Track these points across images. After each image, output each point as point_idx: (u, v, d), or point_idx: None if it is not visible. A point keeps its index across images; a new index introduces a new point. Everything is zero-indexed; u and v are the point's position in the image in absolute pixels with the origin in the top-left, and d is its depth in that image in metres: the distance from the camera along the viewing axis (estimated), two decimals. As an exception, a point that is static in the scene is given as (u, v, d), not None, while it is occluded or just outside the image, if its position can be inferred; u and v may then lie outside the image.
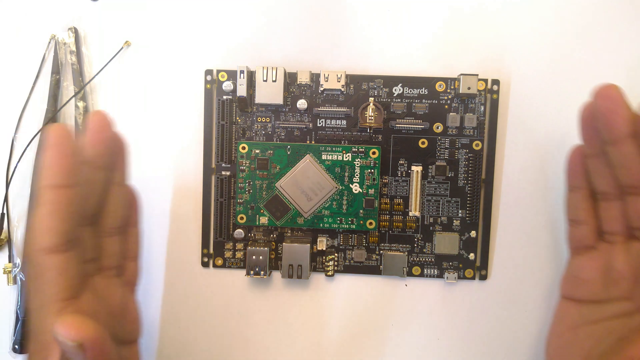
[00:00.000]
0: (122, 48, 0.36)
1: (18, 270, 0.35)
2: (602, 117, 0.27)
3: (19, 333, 0.35)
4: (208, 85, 0.35)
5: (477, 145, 0.34)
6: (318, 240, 0.35)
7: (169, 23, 0.36)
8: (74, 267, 0.26)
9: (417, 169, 0.34)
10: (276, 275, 0.36)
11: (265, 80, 0.34)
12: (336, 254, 0.36)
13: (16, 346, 0.35)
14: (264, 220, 0.35)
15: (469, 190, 0.34)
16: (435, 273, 0.35)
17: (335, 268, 0.36)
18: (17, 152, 0.36)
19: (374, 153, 0.34)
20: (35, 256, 0.25)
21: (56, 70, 0.36)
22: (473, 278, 0.35)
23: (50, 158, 0.25)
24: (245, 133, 0.35)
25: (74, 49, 0.36)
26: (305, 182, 0.34)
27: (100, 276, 0.29)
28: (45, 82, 0.36)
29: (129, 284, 0.32)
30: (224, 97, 0.35)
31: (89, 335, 0.22)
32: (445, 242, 0.35)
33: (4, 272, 0.35)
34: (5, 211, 0.36)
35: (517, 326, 0.36)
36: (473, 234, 0.35)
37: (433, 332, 0.36)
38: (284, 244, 0.34)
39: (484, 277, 0.35)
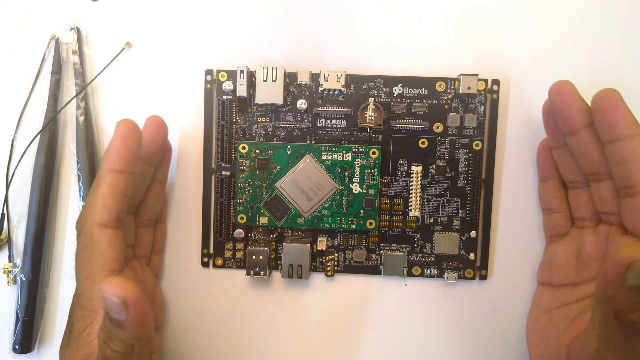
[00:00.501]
0: (123, 49, 0.36)
1: (18, 270, 0.35)
2: (558, 110, 0.29)
3: (19, 333, 0.35)
4: (208, 85, 0.35)
5: (477, 145, 0.34)
6: (318, 240, 0.35)
7: (169, 23, 0.36)
8: (121, 243, 0.29)
9: (417, 169, 0.34)
10: (276, 275, 0.36)
11: (265, 80, 0.34)
12: (336, 254, 0.36)
13: (16, 346, 0.35)
14: (264, 220, 0.35)
15: (469, 190, 0.34)
16: (436, 273, 0.35)
17: (335, 268, 0.36)
18: (17, 152, 0.36)
19: (374, 153, 0.34)
20: (91, 228, 0.28)
21: (56, 70, 0.36)
22: (473, 278, 0.35)
23: (117, 146, 0.28)
24: (245, 133, 0.35)
25: (76, 48, 0.35)
26: (305, 182, 0.34)
27: (136, 261, 0.33)
28: (45, 82, 0.36)
29: (154, 274, 0.35)
30: (224, 97, 0.35)
31: (133, 293, 0.23)
32: (445, 242, 0.35)
33: (4, 272, 0.35)
34: (5, 211, 0.36)
35: (517, 326, 0.36)
36: (473, 234, 0.35)
37: (433, 331, 0.36)
38: (284, 244, 0.34)
39: (484, 277, 0.35)
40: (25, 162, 0.36)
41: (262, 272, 0.34)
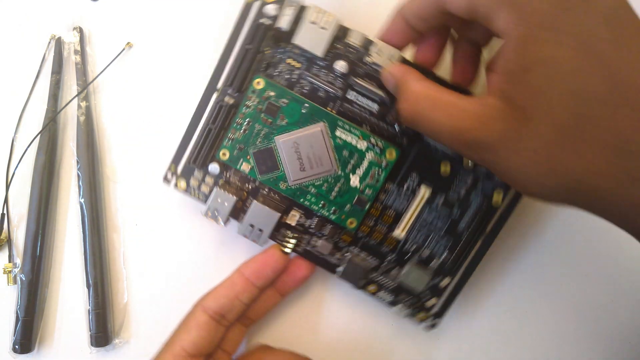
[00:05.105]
0: (123, 49, 0.35)
1: (18, 270, 0.34)
2: None
3: (19, 333, 0.34)
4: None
5: (496, 202, 0.30)
6: (291, 213, 0.32)
7: (169, 24, 0.35)
8: None
9: (425, 190, 0.31)
10: (232, 226, 0.32)
11: (314, 23, 0.28)
12: (302, 235, 0.32)
13: (16, 346, 0.34)
14: (246, 167, 0.31)
15: (465, 238, 0.31)
16: (390, 299, 0.32)
17: (294, 248, 0.32)
18: (17, 152, 0.35)
19: (390, 154, 0.30)
20: None
21: (56, 70, 0.35)
22: (422, 322, 0.32)
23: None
24: (267, 68, 0.30)
25: (78, 48, 0.35)
26: (306, 150, 0.30)
27: None
28: (45, 82, 0.35)
29: None
30: (262, 19, 0.29)
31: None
32: (414, 276, 0.32)
33: (4, 272, 0.34)
34: (5, 211, 0.35)
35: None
36: (445, 282, 0.32)
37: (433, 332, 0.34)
38: (254, 200, 0.31)
39: (433, 327, 0.32)
40: (25, 162, 0.35)
41: (220, 220, 0.31)
